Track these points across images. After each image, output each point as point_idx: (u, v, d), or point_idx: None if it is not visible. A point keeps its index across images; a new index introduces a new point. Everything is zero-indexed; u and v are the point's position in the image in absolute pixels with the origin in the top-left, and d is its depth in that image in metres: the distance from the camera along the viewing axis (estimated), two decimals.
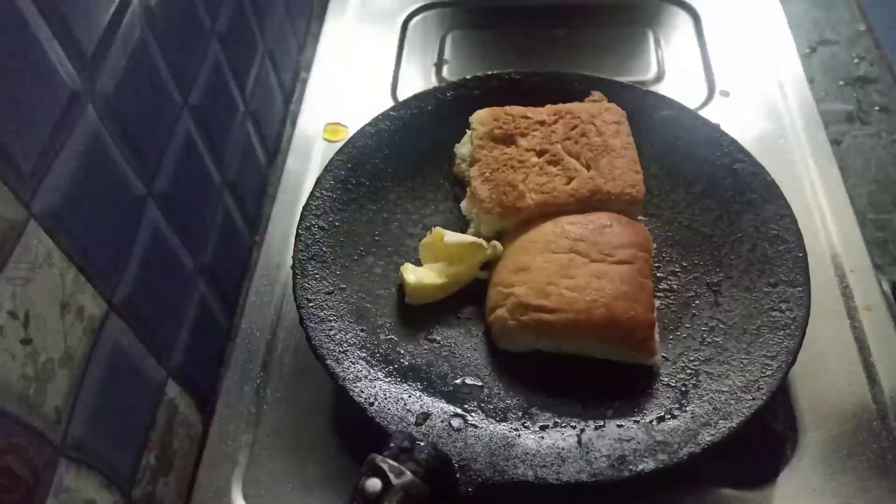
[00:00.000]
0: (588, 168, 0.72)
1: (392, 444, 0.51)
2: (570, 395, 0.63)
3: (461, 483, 0.56)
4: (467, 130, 0.78)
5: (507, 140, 0.75)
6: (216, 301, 0.76)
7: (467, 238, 0.70)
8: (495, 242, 0.71)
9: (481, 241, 0.70)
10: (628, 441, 0.59)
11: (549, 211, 0.70)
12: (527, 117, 0.76)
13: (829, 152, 0.86)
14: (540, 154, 0.73)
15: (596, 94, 0.80)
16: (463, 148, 0.78)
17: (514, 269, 0.67)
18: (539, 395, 0.64)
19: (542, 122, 0.76)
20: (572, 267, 0.64)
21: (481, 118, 0.77)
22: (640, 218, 0.73)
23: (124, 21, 0.59)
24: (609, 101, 0.79)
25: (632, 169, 0.72)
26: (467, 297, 0.71)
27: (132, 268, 0.59)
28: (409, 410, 0.62)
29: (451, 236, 0.69)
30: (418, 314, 0.69)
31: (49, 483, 0.48)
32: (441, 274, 0.68)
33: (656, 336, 0.63)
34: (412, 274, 0.68)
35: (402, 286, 0.70)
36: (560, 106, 0.77)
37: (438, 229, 0.70)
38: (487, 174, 0.72)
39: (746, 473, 0.64)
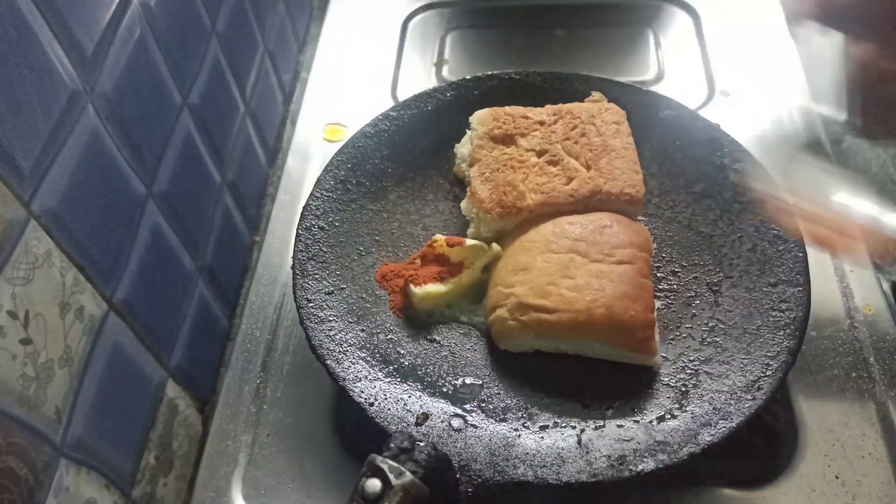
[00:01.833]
0: (588, 168, 0.72)
1: (392, 445, 0.51)
2: (570, 395, 0.63)
3: (461, 483, 0.56)
4: (467, 130, 0.78)
5: (507, 140, 0.75)
6: (216, 301, 0.76)
7: (469, 242, 0.70)
8: (496, 245, 0.71)
9: (482, 244, 0.70)
10: (628, 441, 0.59)
11: (549, 211, 0.70)
12: (527, 117, 0.76)
13: (829, 152, 0.86)
14: (540, 154, 0.73)
15: (596, 95, 0.80)
16: (463, 148, 0.78)
17: (514, 270, 0.67)
18: (539, 395, 0.64)
19: (541, 122, 0.75)
20: (572, 267, 0.64)
21: (481, 118, 0.77)
22: (640, 218, 0.73)
23: (124, 21, 0.59)
24: (609, 101, 0.79)
25: (631, 169, 0.72)
26: (467, 298, 0.71)
27: (132, 268, 0.59)
28: (409, 410, 0.62)
29: (452, 241, 0.70)
30: (418, 314, 0.69)
31: (49, 483, 0.48)
32: (445, 280, 0.69)
33: (656, 336, 0.63)
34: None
35: (404, 293, 0.70)
36: (560, 106, 0.77)
37: (439, 236, 0.70)
38: (487, 174, 0.72)
39: (746, 473, 0.64)
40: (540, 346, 0.65)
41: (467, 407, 0.63)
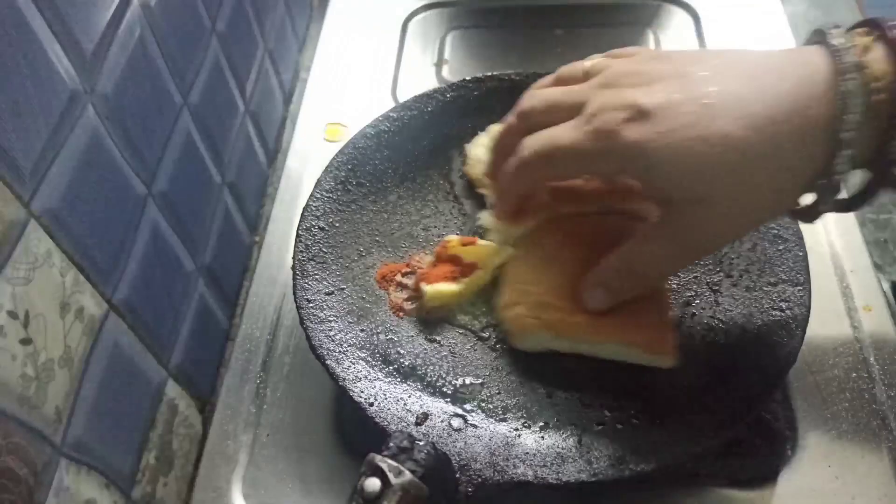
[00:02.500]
0: None
1: (391, 444, 0.51)
2: (570, 395, 0.63)
3: (461, 483, 0.56)
4: (478, 131, 0.78)
5: None
6: (216, 301, 0.76)
7: (482, 242, 0.70)
8: (508, 246, 0.71)
9: (495, 245, 0.70)
10: (628, 441, 0.59)
11: (569, 211, 0.68)
12: None
13: None
14: None
15: None
16: (476, 149, 0.78)
17: (532, 268, 0.66)
18: (539, 395, 0.64)
19: None
20: (592, 265, 0.63)
21: (496, 132, 0.75)
22: None
23: (124, 21, 0.59)
24: None
25: None
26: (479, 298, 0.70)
27: (132, 268, 0.59)
28: (409, 410, 0.62)
29: (466, 241, 0.70)
30: (428, 314, 0.69)
31: (49, 483, 0.48)
32: (457, 280, 0.69)
33: (673, 338, 0.62)
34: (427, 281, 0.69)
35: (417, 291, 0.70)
36: None
37: (451, 236, 0.70)
38: None
39: (746, 473, 0.64)
40: (555, 346, 0.64)
41: (467, 407, 0.63)
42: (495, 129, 0.76)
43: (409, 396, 0.63)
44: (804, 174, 0.51)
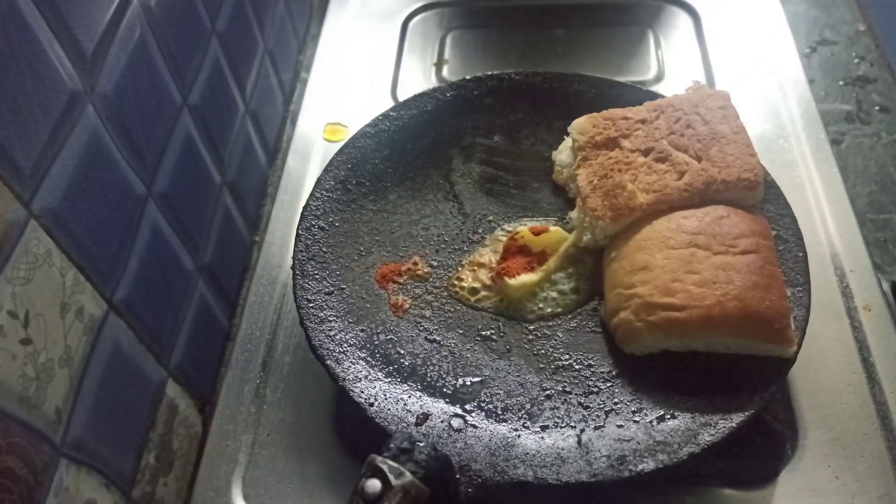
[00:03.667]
0: (699, 159, 0.69)
1: (392, 445, 0.51)
2: (571, 395, 0.63)
3: (461, 483, 0.56)
4: (565, 137, 0.77)
5: (610, 144, 0.72)
6: (216, 301, 0.76)
7: (554, 229, 0.72)
8: (577, 229, 0.72)
9: (563, 231, 0.73)
10: (628, 441, 0.59)
11: (663, 209, 0.68)
12: (626, 118, 0.74)
13: (829, 152, 0.86)
14: (646, 153, 0.71)
15: (695, 83, 0.77)
16: (561, 155, 0.78)
17: (632, 270, 0.65)
18: (539, 395, 0.64)
19: (643, 121, 0.73)
20: (695, 262, 0.62)
21: (580, 127, 0.74)
22: None
23: (124, 21, 0.59)
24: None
25: (746, 153, 0.69)
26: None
27: (132, 268, 0.59)
28: (409, 410, 0.62)
29: (537, 230, 0.72)
30: (418, 314, 0.69)
31: (49, 483, 0.48)
32: (535, 269, 0.71)
33: (792, 325, 0.61)
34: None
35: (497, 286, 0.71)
36: (659, 101, 0.75)
37: (521, 228, 0.72)
38: (595, 182, 0.70)
39: (746, 473, 0.64)
40: (669, 346, 0.63)
41: (467, 407, 0.63)
42: (578, 124, 0.75)
43: (409, 397, 0.63)
44: None
